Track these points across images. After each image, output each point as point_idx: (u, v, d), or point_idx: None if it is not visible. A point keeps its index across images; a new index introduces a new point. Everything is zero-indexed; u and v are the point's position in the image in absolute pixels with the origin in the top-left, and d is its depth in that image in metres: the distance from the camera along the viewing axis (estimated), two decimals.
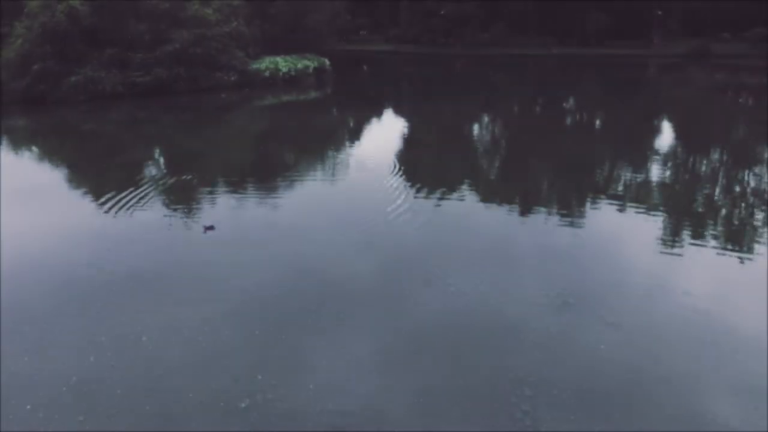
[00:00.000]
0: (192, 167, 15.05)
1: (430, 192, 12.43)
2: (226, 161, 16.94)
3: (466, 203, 11.94)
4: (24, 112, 26.31)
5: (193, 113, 26.32)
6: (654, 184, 13.33)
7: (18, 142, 20.42)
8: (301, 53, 35.47)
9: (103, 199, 12.28)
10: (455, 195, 12.42)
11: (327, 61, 35.81)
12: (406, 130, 21.96)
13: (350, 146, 18.81)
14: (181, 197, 12.56)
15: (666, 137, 20.05)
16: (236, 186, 13.50)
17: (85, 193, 13.42)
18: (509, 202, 12.23)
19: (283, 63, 32.24)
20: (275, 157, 17.86)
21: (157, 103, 27.65)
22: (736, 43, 48.04)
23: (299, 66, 32.93)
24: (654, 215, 10.81)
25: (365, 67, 48.59)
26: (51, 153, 18.88)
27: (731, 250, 9.09)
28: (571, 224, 10.45)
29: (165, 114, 26.35)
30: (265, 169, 15.94)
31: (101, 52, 28.14)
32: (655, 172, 14.37)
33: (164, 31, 28.75)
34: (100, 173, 15.46)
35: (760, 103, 27.06)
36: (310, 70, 33.78)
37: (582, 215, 11.15)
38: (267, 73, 31.32)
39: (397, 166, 14.54)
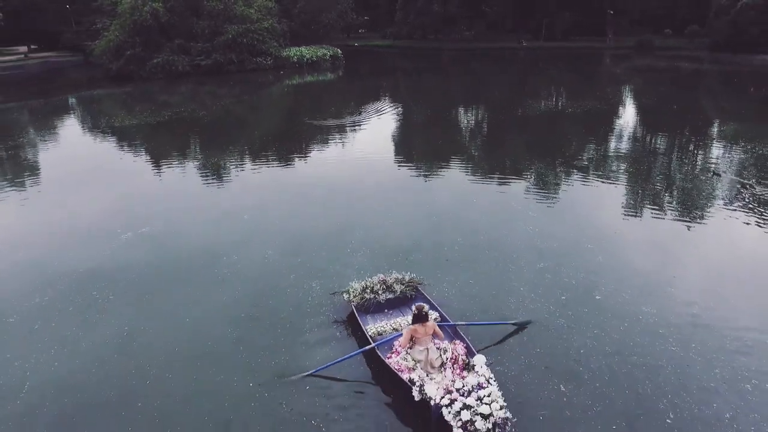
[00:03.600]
0: (247, 121, 25.49)
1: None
2: (278, 115, 27.38)
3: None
4: (118, 86, 36.44)
5: (241, 87, 36.42)
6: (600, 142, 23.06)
7: (117, 104, 30.43)
8: (317, 45, 46.03)
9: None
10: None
11: (339, 51, 46.41)
12: (399, 98, 32.51)
13: (359, 107, 29.27)
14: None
15: (616, 109, 27.70)
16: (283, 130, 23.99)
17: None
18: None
19: (306, 51, 42.80)
20: (304, 113, 28.35)
21: (215, 80, 37.91)
22: (676, 38, 59.15)
23: (319, 54, 43.50)
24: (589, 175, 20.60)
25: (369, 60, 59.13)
26: (136, 111, 29.02)
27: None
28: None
29: (220, 88, 36.48)
30: (301, 118, 26.46)
31: (172, 42, 38.58)
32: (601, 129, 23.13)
33: (219, 26, 39.18)
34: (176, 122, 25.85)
35: (692, 80, 37.73)
36: (327, 57, 44.36)
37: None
38: (295, 59, 41.86)
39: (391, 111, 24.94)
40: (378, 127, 21.04)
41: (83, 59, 51.58)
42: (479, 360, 5.51)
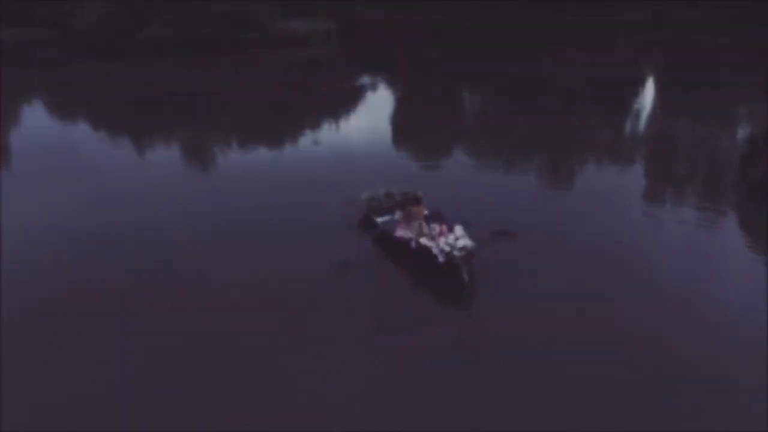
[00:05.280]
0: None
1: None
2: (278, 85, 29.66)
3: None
4: (102, 60, 38.19)
5: (233, 61, 38.27)
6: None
7: (102, 78, 32.70)
8: (311, 17, 48.24)
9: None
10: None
11: (334, 25, 48.66)
12: (389, 72, 34.76)
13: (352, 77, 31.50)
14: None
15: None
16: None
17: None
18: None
19: (299, 25, 45.00)
20: (303, 82, 30.59)
21: (204, 56, 39.84)
22: (693, 9, 61.42)
23: (314, 28, 45.76)
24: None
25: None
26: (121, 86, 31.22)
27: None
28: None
29: (210, 63, 38.33)
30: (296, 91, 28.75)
31: (159, 16, 40.71)
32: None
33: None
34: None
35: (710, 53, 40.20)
36: (322, 31, 46.60)
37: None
38: (288, 33, 44.04)
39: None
40: (374, 97, 23.93)
41: (61, 34, 53.10)
42: (458, 228, 8.55)
